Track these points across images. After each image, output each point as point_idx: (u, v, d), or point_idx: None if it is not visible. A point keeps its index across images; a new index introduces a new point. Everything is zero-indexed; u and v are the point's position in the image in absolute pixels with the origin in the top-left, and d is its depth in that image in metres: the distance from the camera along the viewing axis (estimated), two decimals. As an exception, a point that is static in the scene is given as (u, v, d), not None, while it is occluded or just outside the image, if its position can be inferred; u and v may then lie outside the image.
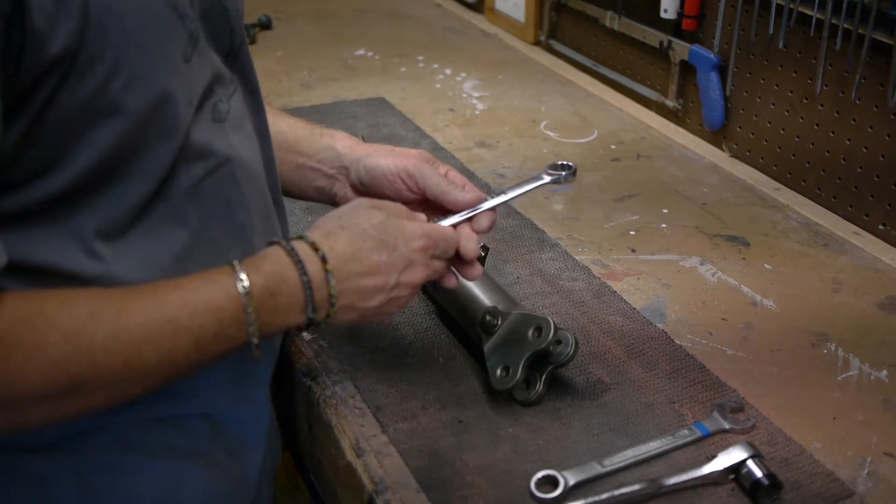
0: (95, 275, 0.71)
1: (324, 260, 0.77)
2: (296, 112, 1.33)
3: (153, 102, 0.69)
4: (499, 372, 0.90)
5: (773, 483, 0.80)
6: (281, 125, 0.99)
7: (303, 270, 0.76)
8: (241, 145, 0.81)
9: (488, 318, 0.95)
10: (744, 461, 0.82)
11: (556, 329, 0.90)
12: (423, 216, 0.88)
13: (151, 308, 0.70)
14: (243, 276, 0.73)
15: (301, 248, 0.77)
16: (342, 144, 0.99)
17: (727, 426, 0.88)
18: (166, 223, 0.75)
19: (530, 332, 0.91)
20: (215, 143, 0.77)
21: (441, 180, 0.93)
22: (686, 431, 0.88)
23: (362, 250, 0.79)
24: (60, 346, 0.65)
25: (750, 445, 0.83)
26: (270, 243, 0.79)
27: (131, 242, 0.73)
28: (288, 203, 0.99)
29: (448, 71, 1.82)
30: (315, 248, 0.78)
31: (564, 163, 0.97)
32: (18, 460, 0.75)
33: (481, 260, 1.06)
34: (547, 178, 0.96)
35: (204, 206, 0.77)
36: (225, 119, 0.79)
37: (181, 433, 0.82)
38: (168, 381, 0.73)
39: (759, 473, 0.81)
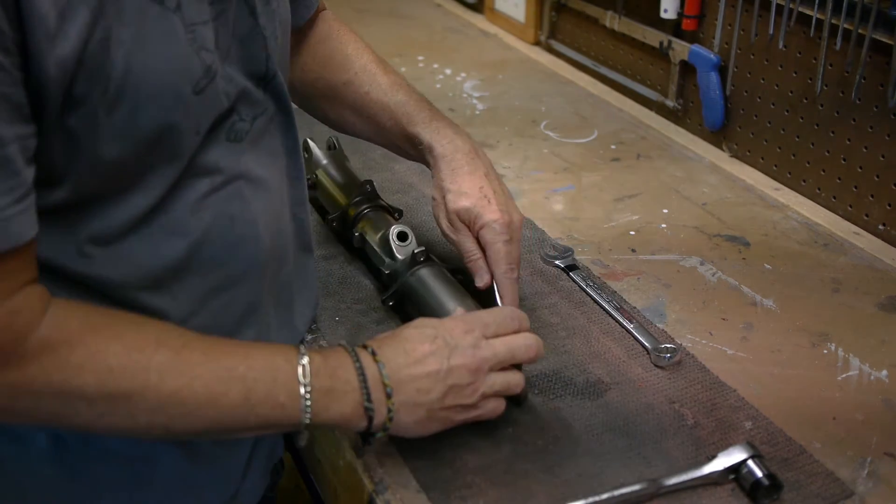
0: (83, 273, 0.74)
1: (374, 354, 0.80)
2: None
3: (155, 132, 0.70)
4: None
5: (773, 483, 0.80)
6: (399, 97, 1.04)
7: (356, 358, 0.79)
8: (256, 163, 0.82)
9: None
10: (744, 461, 0.82)
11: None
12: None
13: (214, 350, 0.74)
14: (303, 350, 0.77)
15: (356, 348, 0.81)
16: (440, 151, 1.00)
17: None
18: (164, 233, 0.76)
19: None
20: (224, 162, 0.78)
21: (470, 254, 0.98)
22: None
23: (407, 345, 0.81)
24: (120, 357, 0.70)
25: (750, 445, 0.83)
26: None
27: (125, 248, 0.75)
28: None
29: (448, 71, 1.82)
30: (365, 347, 0.81)
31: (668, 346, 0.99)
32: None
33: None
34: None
35: (205, 220, 0.78)
36: (243, 138, 0.80)
37: None
38: (212, 427, 0.74)
39: (759, 473, 0.81)
